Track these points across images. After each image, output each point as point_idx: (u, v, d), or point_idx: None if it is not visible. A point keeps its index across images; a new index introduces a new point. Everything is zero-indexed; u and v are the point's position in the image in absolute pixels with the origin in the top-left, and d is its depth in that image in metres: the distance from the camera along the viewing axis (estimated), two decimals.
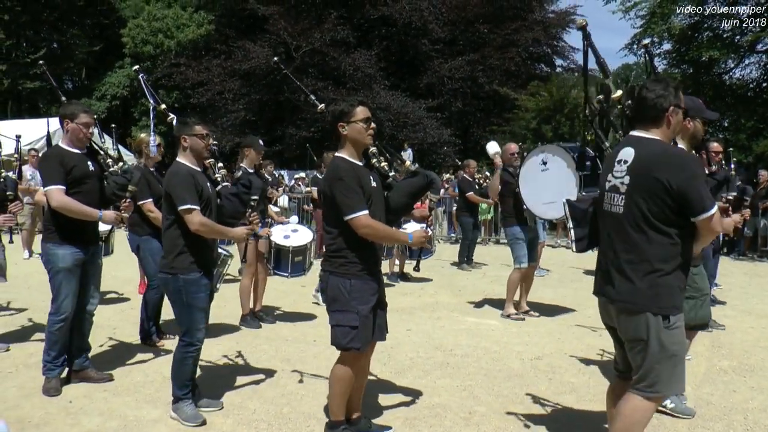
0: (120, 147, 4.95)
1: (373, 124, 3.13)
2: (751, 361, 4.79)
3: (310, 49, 22.20)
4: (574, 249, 2.99)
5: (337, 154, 3.14)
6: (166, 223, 3.47)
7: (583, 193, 3.31)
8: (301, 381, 4.20)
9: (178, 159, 3.56)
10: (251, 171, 5.50)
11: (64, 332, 3.92)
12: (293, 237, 6.06)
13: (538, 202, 5.69)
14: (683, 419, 3.58)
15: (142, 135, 5.36)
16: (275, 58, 4.61)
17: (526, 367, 4.60)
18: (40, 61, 6.28)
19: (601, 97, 3.15)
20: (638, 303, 2.51)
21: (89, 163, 3.93)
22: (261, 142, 5.74)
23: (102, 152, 4.10)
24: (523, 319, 6.15)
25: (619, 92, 3.02)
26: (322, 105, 3.67)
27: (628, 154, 2.57)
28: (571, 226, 2.98)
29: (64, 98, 4.24)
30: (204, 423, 3.45)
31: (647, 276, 2.49)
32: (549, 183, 5.52)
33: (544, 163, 5.62)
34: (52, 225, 3.86)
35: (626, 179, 2.55)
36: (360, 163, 3.13)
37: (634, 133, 2.65)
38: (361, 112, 3.09)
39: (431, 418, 3.58)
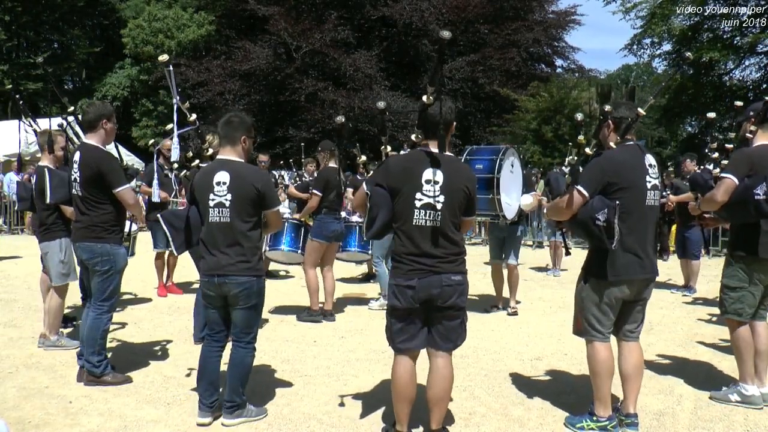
0: (120, 147, 4.90)
1: None
2: None
3: (310, 49, 22.20)
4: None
5: (451, 154, 3.14)
6: (248, 225, 3.34)
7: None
8: (301, 381, 4.20)
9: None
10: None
11: None
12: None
13: (512, 201, 5.99)
14: (683, 419, 3.59)
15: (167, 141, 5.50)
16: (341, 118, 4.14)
17: (526, 367, 4.60)
18: (40, 59, 6.31)
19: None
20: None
21: None
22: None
23: None
24: (489, 311, 6.51)
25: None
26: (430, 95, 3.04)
27: (651, 159, 3.28)
28: None
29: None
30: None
31: None
32: (513, 184, 6.01)
33: (512, 166, 5.99)
34: (114, 226, 3.96)
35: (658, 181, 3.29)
36: None
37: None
38: None
39: None
